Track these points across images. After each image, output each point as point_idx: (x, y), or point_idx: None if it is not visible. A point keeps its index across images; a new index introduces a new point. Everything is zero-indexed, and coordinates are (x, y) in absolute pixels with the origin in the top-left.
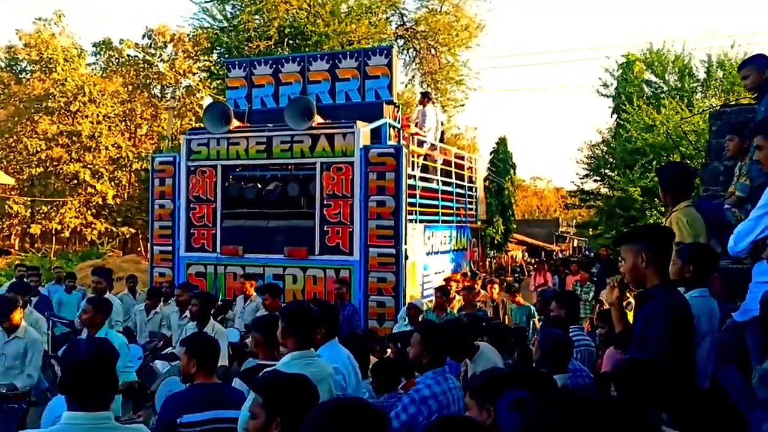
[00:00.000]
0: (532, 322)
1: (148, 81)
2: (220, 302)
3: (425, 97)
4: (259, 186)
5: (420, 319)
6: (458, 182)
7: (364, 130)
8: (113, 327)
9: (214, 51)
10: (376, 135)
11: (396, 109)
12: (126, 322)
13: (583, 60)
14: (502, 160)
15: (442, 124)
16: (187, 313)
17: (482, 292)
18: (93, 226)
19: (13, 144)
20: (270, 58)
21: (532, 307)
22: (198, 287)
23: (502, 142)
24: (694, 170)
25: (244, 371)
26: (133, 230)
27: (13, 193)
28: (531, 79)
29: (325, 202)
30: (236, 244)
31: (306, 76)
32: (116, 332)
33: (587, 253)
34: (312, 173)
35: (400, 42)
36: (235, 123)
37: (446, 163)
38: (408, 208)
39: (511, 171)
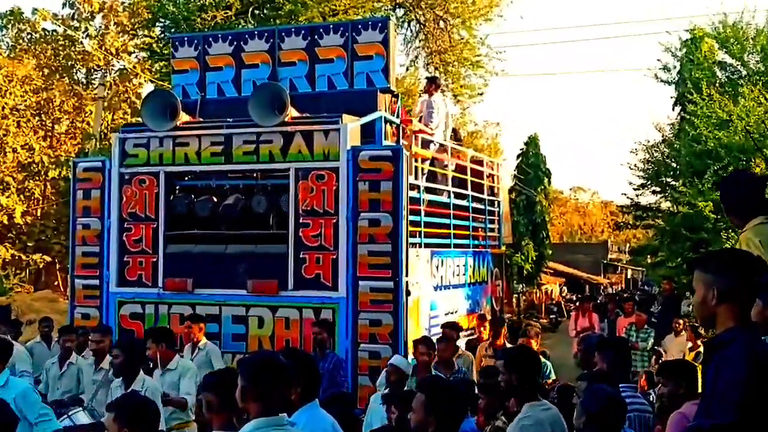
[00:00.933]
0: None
1: (69, 63)
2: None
3: (432, 84)
4: (215, 200)
5: (405, 387)
6: (476, 194)
7: (352, 126)
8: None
9: (157, 24)
10: (369, 133)
11: (394, 100)
12: (37, 377)
13: (637, 36)
14: (532, 166)
15: (452, 117)
16: (105, 364)
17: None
18: None
19: None
20: (230, 33)
21: (549, 364)
22: (133, 333)
23: (532, 142)
24: (765, 178)
25: None
26: (48, 258)
27: None
28: (569, 60)
29: (301, 221)
30: (184, 276)
31: (277, 57)
32: (19, 378)
33: (644, 287)
34: (284, 183)
35: (400, 12)
36: (183, 117)
37: (460, 169)
38: (410, 228)
39: (545, 180)
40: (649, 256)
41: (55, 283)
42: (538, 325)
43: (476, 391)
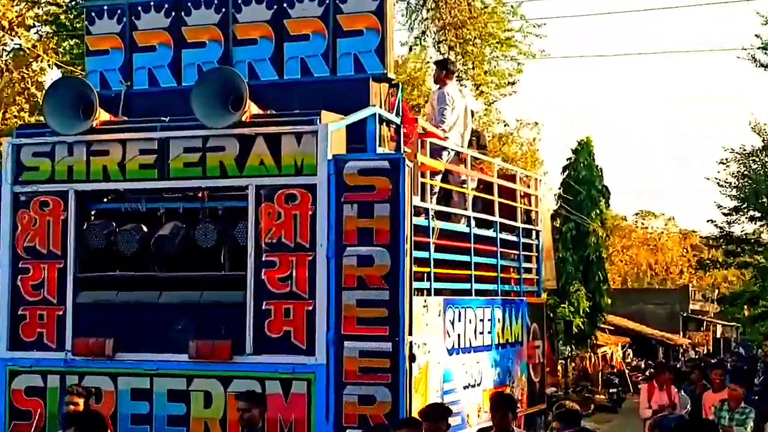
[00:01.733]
0: None
1: None
2: None
3: (444, 70)
4: (145, 230)
5: None
6: (506, 222)
7: (334, 127)
8: None
9: None
10: (358, 137)
11: (393, 91)
12: None
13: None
14: (584, 182)
15: (473, 115)
16: None
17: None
18: None
19: None
20: (166, 0)
21: None
22: (29, 414)
23: (583, 150)
24: None
25: None
26: None
27: None
28: (632, 38)
29: (264, 259)
30: (102, 335)
31: (231, 32)
32: None
33: (740, 350)
34: (241, 206)
35: None
36: (102, 116)
37: (484, 187)
38: (415, 268)
39: (602, 201)
40: (746, 307)
41: None
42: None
43: None
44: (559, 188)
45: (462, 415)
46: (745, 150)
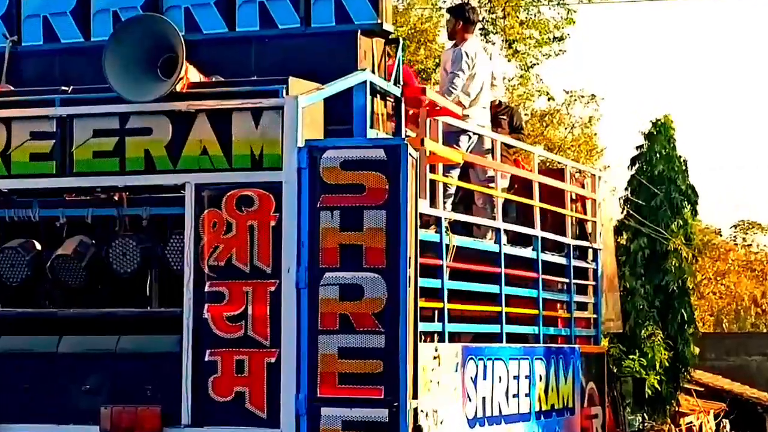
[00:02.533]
0: None
1: None
2: None
3: (463, 20)
4: (38, 247)
5: None
6: (550, 236)
7: (308, 101)
8: None
9: None
10: (341, 115)
11: (391, 50)
12: None
13: None
14: (662, 180)
15: (507, 88)
16: None
17: None
18: None
19: None
20: None
21: None
22: None
23: (660, 133)
24: None
25: None
26: None
27: None
28: None
29: (207, 289)
30: None
31: None
32: None
33: None
34: (175, 214)
35: None
36: None
37: (519, 187)
38: (422, 303)
39: (687, 207)
40: None
41: None
42: None
43: None
44: (626, 189)
45: None
46: None
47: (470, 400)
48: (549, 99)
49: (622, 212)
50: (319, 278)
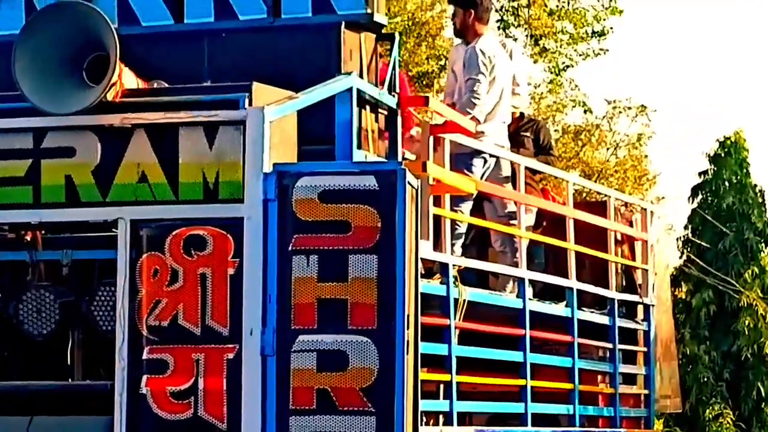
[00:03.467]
0: None
1: None
2: None
3: (474, 9)
4: None
5: None
6: (589, 287)
7: (277, 113)
8: None
9: None
10: (320, 131)
11: (384, 48)
12: None
13: None
14: (731, 215)
15: (531, 97)
16: None
17: None
18: None
19: None
20: None
21: None
22: None
23: (730, 155)
24: None
25: None
26: None
27: None
28: None
29: (146, 356)
30: None
31: None
32: None
33: None
34: (104, 259)
35: None
36: None
37: (548, 224)
38: (423, 375)
39: (763, 249)
40: None
41: None
42: None
43: None
44: (687, 228)
45: None
46: None
47: None
48: (586, 111)
49: (681, 257)
50: (290, 343)
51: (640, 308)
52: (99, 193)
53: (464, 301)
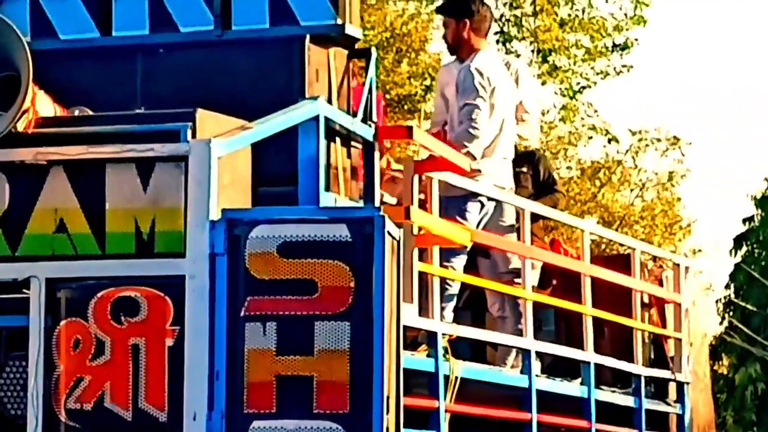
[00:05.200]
0: None
1: None
2: None
3: (469, 19)
4: None
5: None
6: (610, 361)
7: (226, 148)
8: None
9: None
10: (280, 168)
11: (357, 67)
12: None
13: None
14: None
15: (540, 126)
16: None
17: None
18: None
19: None
20: None
21: None
22: None
23: None
24: None
25: None
26: None
27: None
28: None
29: None
30: None
31: None
32: None
33: None
34: (13, 327)
35: None
36: None
37: (559, 282)
38: None
39: None
40: None
41: None
42: None
43: None
44: (728, 287)
45: None
46: None
47: None
48: (611, 140)
49: (721, 323)
50: (243, 430)
51: (672, 386)
52: (7, 245)
53: (456, 378)
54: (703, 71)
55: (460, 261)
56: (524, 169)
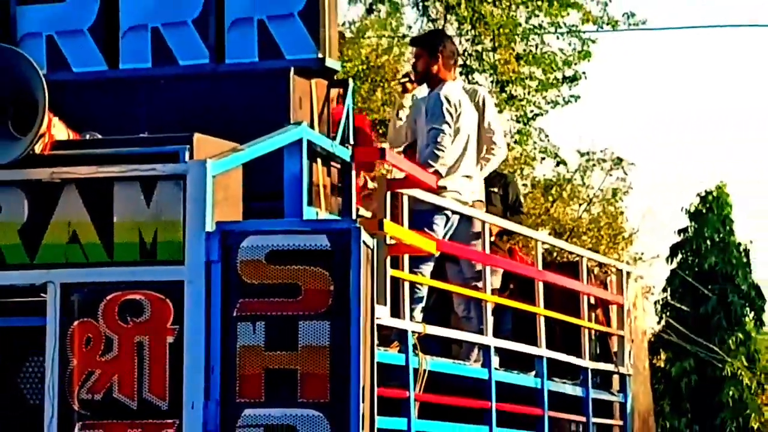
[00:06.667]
0: None
1: None
2: None
3: (440, 53)
4: None
5: None
6: (560, 356)
7: (220, 167)
8: None
9: None
10: (267, 185)
11: (337, 95)
12: None
13: None
14: (714, 276)
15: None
16: None
17: None
18: None
19: None
20: None
21: None
22: None
23: (712, 210)
24: None
25: None
26: None
27: None
28: None
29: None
30: None
31: None
32: None
33: None
34: (32, 326)
35: None
36: None
37: (516, 287)
38: None
39: (748, 314)
40: None
41: None
42: None
43: None
44: (665, 290)
45: None
46: None
47: None
48: (559, 163)
49: (659, 322)
50: (235, 417)
51: (615, 378)
52: (26, 254)
53: (425, 371)
54: (643, 99)
55: (427, 267)
56: (495, 190)
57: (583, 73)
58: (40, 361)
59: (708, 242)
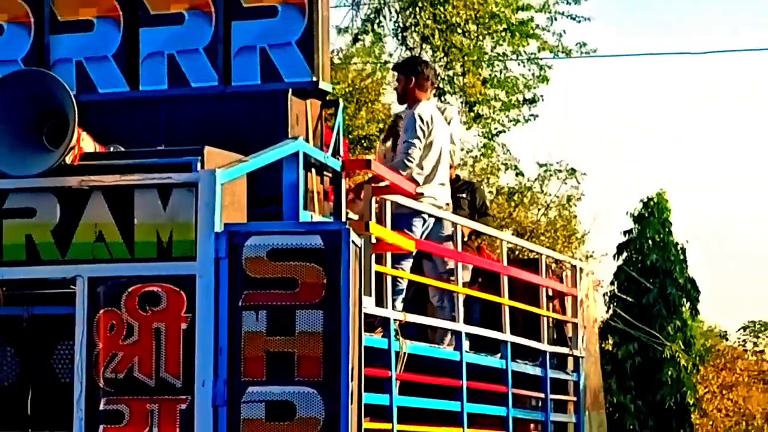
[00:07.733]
0: None
1: None
2: None
3: (416, 77)
4: None
5: None
6: (522, 340)
7: (228, 176)
8: None
9: None
10: (268, 192)
11: (329, 114)
12: None
13: None
14: (655, 272)
15: (463, 153)
16: None
17: None
18: None
19: None
20: None
21: None
22: None
23: (653, 215)
24: None
25: None
26: None
27: None
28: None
29: (103, 407)
30: None
31: (48, 9)
32: None
33: None
34: (62, 314)
35: None
36: None
37: (483, 281)
38: (367, 423)
39: (685, 305)
40: None
41: None
42: None
43: None
44: (613, 284)
45: None
46: None
47: None
48: (518, 174)
49: (607, 311)
50: (240, 394)
51: (570, 360)
52: (58, 251)
53: (405, 353)
54: (593, 118)
55: (407, 264)
56: (464, 196)
57: (541, 95)
58: (70, 345)
59: (650, 242)
